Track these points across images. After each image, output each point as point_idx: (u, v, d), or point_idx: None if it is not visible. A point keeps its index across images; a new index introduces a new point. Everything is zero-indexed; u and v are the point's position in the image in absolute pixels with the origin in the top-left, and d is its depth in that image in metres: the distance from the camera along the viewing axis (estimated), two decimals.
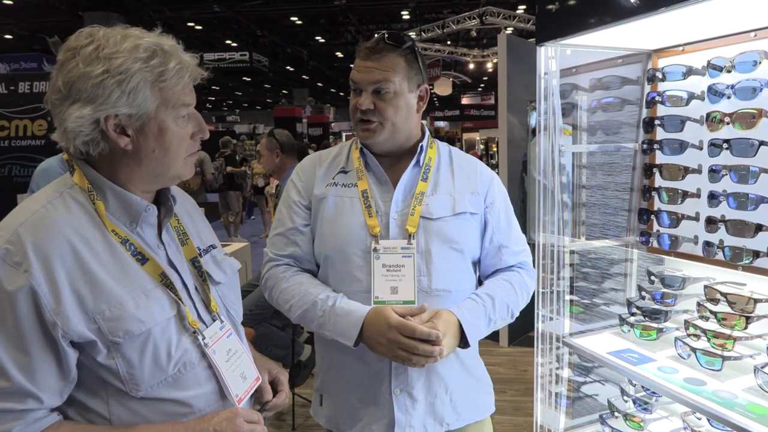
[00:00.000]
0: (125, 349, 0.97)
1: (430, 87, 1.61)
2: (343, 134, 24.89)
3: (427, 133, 1.57)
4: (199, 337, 1.07)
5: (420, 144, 1.52)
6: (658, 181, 1.95)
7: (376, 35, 1.48)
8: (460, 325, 1.37)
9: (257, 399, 1.23)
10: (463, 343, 1.39)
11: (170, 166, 1.06)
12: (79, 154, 1.02)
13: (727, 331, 1.61)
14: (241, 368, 1.14)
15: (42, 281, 0.93)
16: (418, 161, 1.51)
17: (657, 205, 1.97)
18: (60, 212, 0.99)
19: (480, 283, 1.58)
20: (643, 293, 1.96)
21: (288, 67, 22.39)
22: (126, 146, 1.01)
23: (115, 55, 0.96)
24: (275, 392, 1.26)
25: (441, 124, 23.86)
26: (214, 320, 1.13)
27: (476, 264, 1.55)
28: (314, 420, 1.59)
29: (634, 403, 1.93)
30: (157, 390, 1.01)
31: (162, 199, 1.12)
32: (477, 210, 1.50)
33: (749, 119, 1.57)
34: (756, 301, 1.58)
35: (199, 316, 1.10)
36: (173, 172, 1.08)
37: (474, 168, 1.57)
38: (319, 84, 29.58)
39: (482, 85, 27.14)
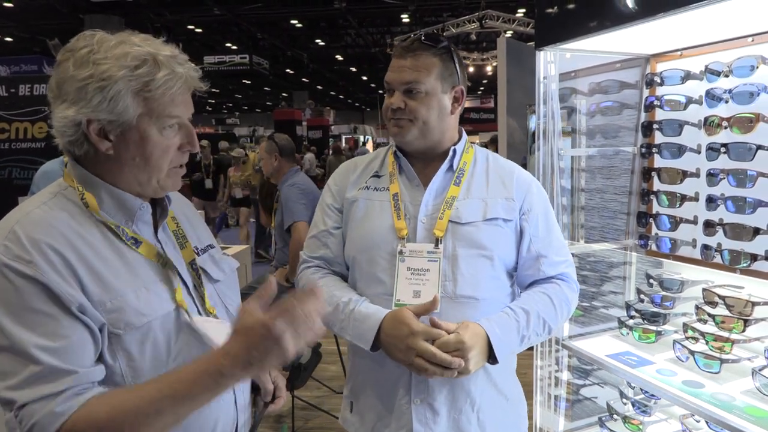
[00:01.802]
0: (125, 341, 0.98)
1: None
2: (343, 137, 24.91)
3: (465, 137, 1.53)
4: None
5: (454, 147, 1.48)
6: (657, 184, 1.96)
7: (412, 35, 1.46)
8: (489, 339, 1.30)
9: (259, 403, 1.24)
10: (492, 358, 1.32)
11: (152, 176, 1.06)
12: (66, 152, 1.05)
13: (726, 334, 1.62)
14: None
15: (48, 270, 0.93)
16: (451, 165, 1.47)
17: (656, 208, 1.98)
18: (55, 211, 1.00)
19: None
20: (642, 296, 1.96)
21: (288, 70, 22.42)
22: (107, 150, 1.02)
23: (103, 60, 0.98)
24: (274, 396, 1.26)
25: None
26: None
27: (511, 274, 1.48)
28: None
29: (633, 405, 1.93)
30: None
31: (157, 200, 1.13)
32: (511, 217, 1.43)
33: (747, 123, 1.58)
34: (754, 304, 1.58)
35: (198, 313, 1.11)
36: (155, 182, 1.07)
37: (511, 174, 1.49)
38: (319, 87, 29.62)
39: (482, 88, 27.18)
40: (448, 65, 1.42)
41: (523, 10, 14.20)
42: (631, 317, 1.94)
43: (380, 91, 21.65)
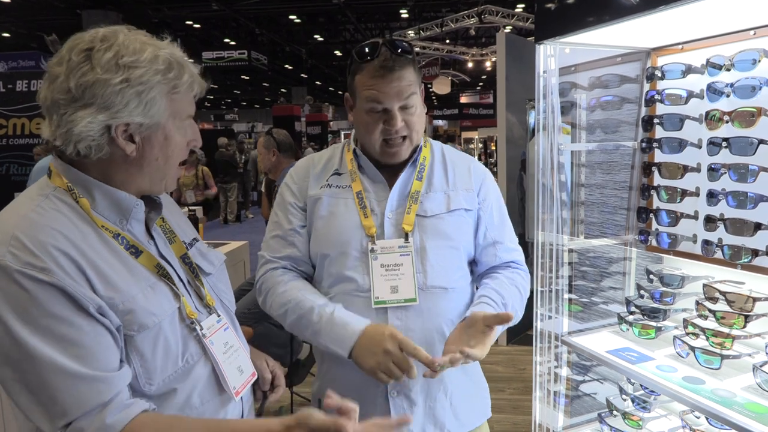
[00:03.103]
0: (138, 342, 0.97)
1: (429, 86, 1.62)
2: (342, 133, 24.87)
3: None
4: (197, 327, 1.07)
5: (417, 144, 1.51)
6: (657, 179, 1.95)
7: (378, 42, 1.40)
8: None
9: (257, 393, 1.25)
10: None
11: (166, 174, 1.08)
12: (75, 155, 1.00)
13: (726, 330, 1.61)
14: (237, 361, 1.15)
15: (62, 274, 0.91)
16: (414, 160, 1.50)
17: (656, 203, 1.97)
18: (51, 213, 0.97)
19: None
20: (642, 292, 1.95)
21: (286, 66, 22.39)
22: (131, 153, 1.01)
23: (136, 64, 0.96)
24: (272, 385, 1.27)
25: (440, 122, 23.89)
26: (210, 314, 1.13)
27: (472, 263, 1.54)
28: None
29: (633, 401, 1.93)
30: (168, 383, 1.01)
31: (147, 197, 1.13)
32: (471, 206, 1.50)
33: (748, 117, 1.57)
34: (755, 299, 1.58)
35: (196, 308, 1.11)
36: (166, 181, 1.09)
37: (467, 165, 1.56)
38: (318, 82, 29.58)
39: (481, 84, 27.15)
40: (417, 69, 1.45)
41: (522, 5, 14.17)
42: (631, 313, 1.93)
43: None
